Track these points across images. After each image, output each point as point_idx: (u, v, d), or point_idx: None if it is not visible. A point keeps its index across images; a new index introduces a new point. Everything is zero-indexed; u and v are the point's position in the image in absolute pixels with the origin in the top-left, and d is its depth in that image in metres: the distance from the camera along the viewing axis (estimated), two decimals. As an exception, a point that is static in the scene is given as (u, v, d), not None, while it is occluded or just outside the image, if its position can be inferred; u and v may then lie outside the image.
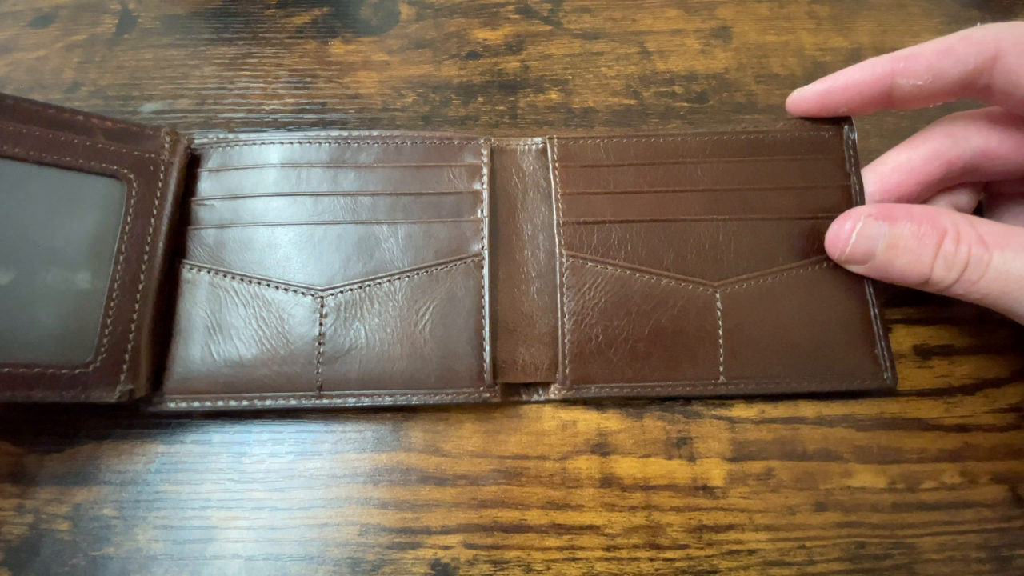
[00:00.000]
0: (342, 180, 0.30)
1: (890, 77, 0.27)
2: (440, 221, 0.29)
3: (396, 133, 0.31)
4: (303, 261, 0.29)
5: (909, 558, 0.26)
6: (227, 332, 0.28)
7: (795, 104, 0.30)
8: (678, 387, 0.28)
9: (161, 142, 0.29)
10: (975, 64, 0.25)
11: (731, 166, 0.30)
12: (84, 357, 0.25)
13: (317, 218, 0.29)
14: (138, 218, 0.27)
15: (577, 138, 0.30)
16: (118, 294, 0.26)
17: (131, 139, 0.28)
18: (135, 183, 0.27)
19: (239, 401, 0.27)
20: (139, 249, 0.27)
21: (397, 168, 0.30)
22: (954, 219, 0.25)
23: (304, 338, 0.28)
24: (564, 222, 0.29)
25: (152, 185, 0.28)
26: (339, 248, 0.29)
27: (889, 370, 0.28)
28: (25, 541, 0.27)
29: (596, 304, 0.28)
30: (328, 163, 0.30)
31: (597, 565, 0.26)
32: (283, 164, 0.30)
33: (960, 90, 0.26)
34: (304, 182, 0.30)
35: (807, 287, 0.29)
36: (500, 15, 0.39)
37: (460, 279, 0.28)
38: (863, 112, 0.29)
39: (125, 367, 0.26)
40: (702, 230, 0.29)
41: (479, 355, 0.28)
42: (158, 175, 0.28)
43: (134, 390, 0.26)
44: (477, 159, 0.30)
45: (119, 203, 0.27)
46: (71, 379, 0.25)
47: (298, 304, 0.28)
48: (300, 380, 0.27)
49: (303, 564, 0.26)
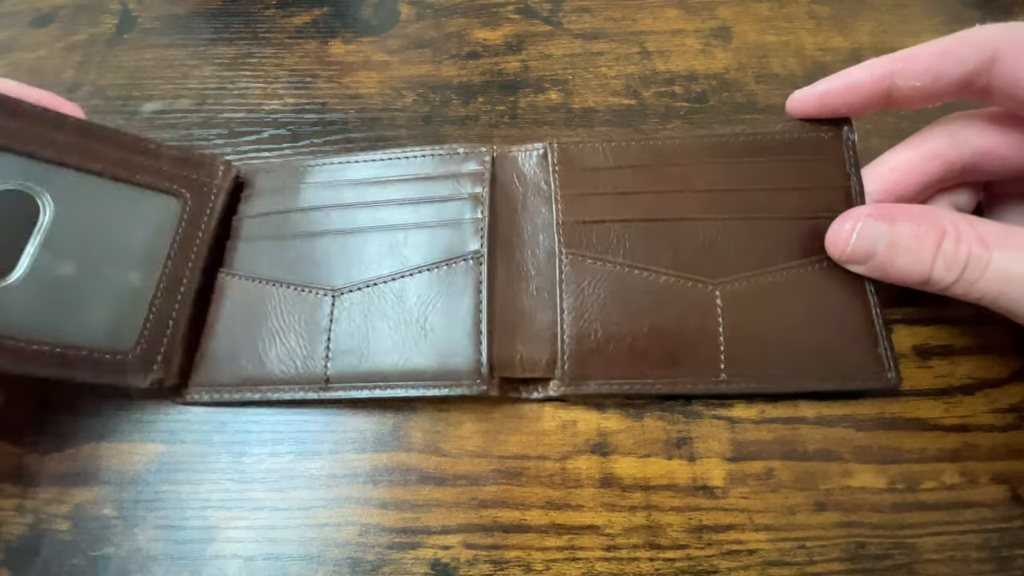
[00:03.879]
0: (365, 195, 0.32)
1: (889, 78, 0.26)
2: (443, 225, 0.31)
3: (415, 151, 0.33)
4: (327, 267, 0.31)
5: (909, 558, 0.26)
6: (249, 328, 0.30)
7: (795, 105, 0.30)
8: (678, 384, 0.28)
9: (216, 169, 0.33)
10: (974, 65, 0.25)
11: (730, 167, 0.30)
12: (126, 345, 0.28)
13: (341, 230, 0.31)
14: (188, 229, 0.31)
15: (577, 142, 0.31)
16: (163, 293, 0.29)
17: (191, 165, 0.32)
18: (190, 201, 0.31)
19: (254, 393, 0.29)
20: (185, 256, 0.30)
21: (411, 181, 0.32)
22: (953, 219, 0.25)
23: (316, 333, 0.29)
24: (563, 221, 0.30)
25: (204, 204, 0.32)
26: (361, 254, 0.31)
27: (893, 370, 0.28)
28: (25, 541, 0.27)
29: (595, 301, 0.28)
30: (357, 182, 0.33)
31: (597, 565, 0.26)
32: (316, 184, 0.33)
33: (959, 91, 0.26)
34: (335, 199, 0.32)
35: (808, 286, 0.29)
36: (500, 15, 0.39)
37: (460, 277, 0.29)
38: (863, 113, 0.29)
39: (159, 358, 0.28)
40: (701, 229, 0.29)
41: (477, 349, 0.28)
42: (210, 196, 0.32)
43: (164, 379, 0.28)
44: (480, 165, 0.32)
45: (175, 217, 0.31)
46: (112, 364, 0.27)
47: (317, 304, 0.30)
48: (311, 374, 0.29)
49: (303, 564, 0.26)
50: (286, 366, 0.29)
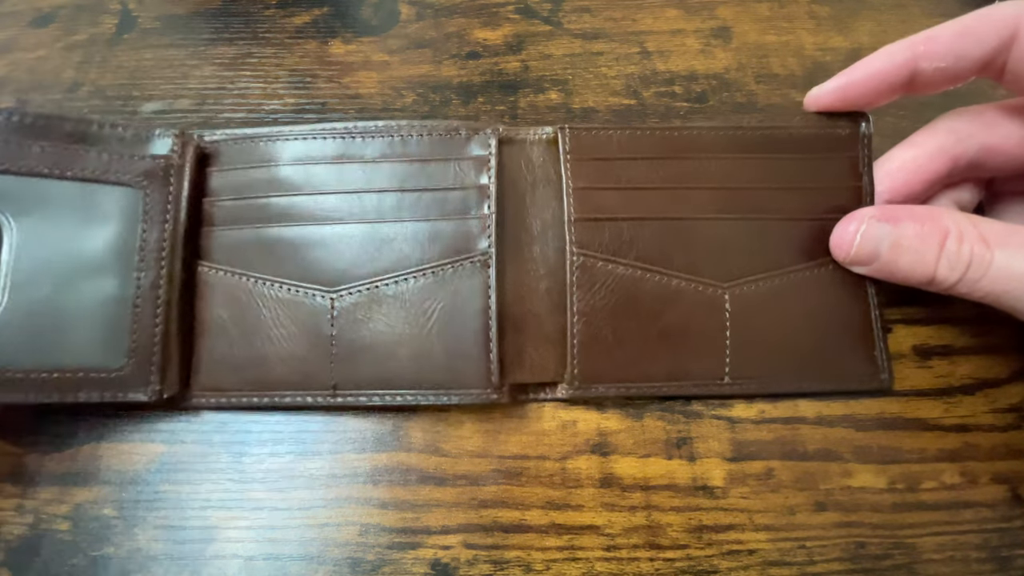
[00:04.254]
0: (348, 176, 0.29)
1: (912, 62, 0.26)
2: (446, 218, 0.29)
3: (402, 123, 0.30)
4: (313, 261, 0.29)
5: (909, 558, 0.26)
6: (245, 331, 0.28)
7: (814, 102, 0.29)
8: (684, 387, 0.28)
9: (170, 145, 0.29)
10: (995, 44, 0.25)
11: (745, 163, 0.29)
12: (119, 361, 0.27)
13: (325, 217, 0.29)
14: (153, 225, 0.28)
15: (589, 129, 0.30)
16: (141, 300, 0.27)
17: (142, 144, 0.29)
18: (147, 190, 0.28)
19: (260, 398, 0.28)
20: (157, 255, 0.27)
21: (403, 162, 0.29)
22: (956, 218, 0.25)
23: (318, 338, 0.28)
24: (576, 218, 0.28)
25: (164, 191, 0.28)
26: (347, 248, 0.29)
27: (886, 371, 0.28)
28: (25, 541, 0.27)
29: (606, 304, 0.28)
30: (334, 158, 0.30)
31: (597, 565, 0.26)
32: (291, 161, 0.30)
33: (980, 70, 0.26)
34: (312, 179, 0.29)
35: (813, 289, 0.29)
36: (500, 15, 0.39)
37: (467, 279, 0.28)
38: (883, 101, 0.28)
39: (154, 368, 0.27)
40: (712, 229, 0.29)
41: (486, 356, 0.27)
42: (168, 180, 0.28)
43: (163, 390, 0.27)
44: (484, 151, 0.29)
45: (135, 211, 0.27)
46: (110, 381, 0.26)
47: (311, 305, 0.28)
48: (316, 379, 0.28)
49: (303, 564, 0.26)
50: (291, 371, 0.28)
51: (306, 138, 0.30)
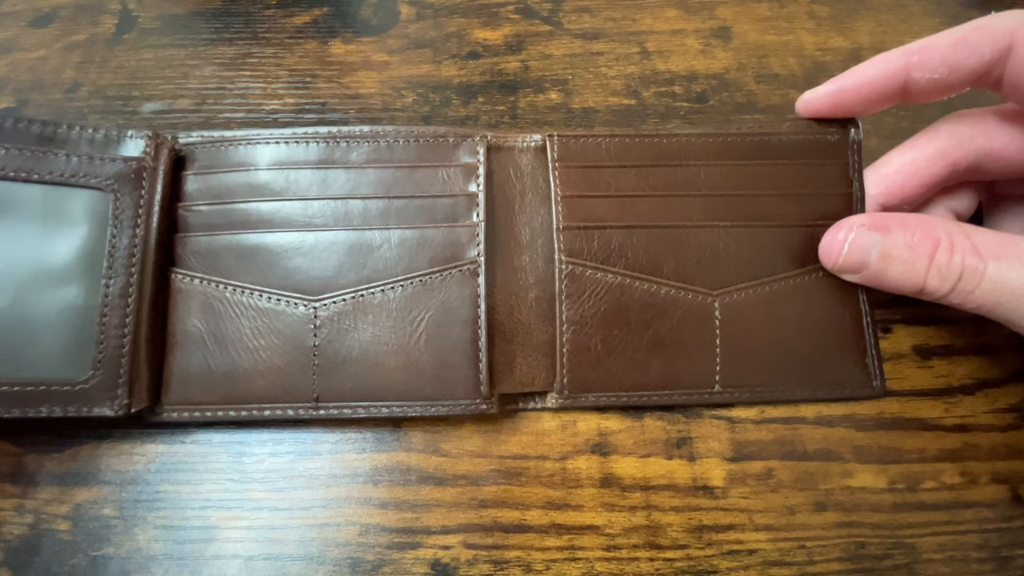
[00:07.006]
0: (332, 182, 0.29)
1: (905, 72, 0.26)
2: (434, 226, 0.28)
3: (389, 129, 0.29)
4: (295, 269, 0.28)
5: (909, 558, 0.26)
6: (222, 343, 0.27)
7: (806, 106, 0.29)
8: (674, 396, 0.28)
9: (143, 147, 0.28)
10: (991, 55, 0.24)
11: (734, 169, 0.29)
12: (83, 373, 0.25)
13: (307, 224, 0.28)
14: (123, 230, 0.26)
15: (577, 136, 0.29)
16: (109, 309, 0.26)
17: (113, 146, 0.28)
18: (118, 193, 0.27)
19: (238, 411, 0.27)
20: (127, 262, 0.26)
21: (389, 168, 0.29)
22: (948, 228, 0.24)
23: (299, 349, 0.27)
24: (564, 226, 0.28)
25: (135, 194, 0.27)
26: (331, 256, 0.28)
27: (878, 378, 0.28)
28: (25, 541, 0.27)
29: (595, 313, 0.28)
30: (317, 163, 0.29)
31: (597, 565, 0.26)
32: (271, 165, 0.29)
33: (975, 81, 0.26)
34: (293, 184, 0.29)
35: (804, 296, 0.29)
36: (500, 15, 0.39)
37: (455, 288, 0.28)
38: (875, 110, 0.28)
39: (121, 381, 0.26)
40: (703, 236, 0.29)
41: (475, 367, 0.27)
42: (140, 183, 0.27)
43: (131, 404, 0.26)
44: (473, 158, 0.29)
45: (104, 215, 0.26)
46: (73, 395, 0.25)
47: (292, 314, 0.27)
48: (297, 391, 0.27)
49: (303, 564, 0.26)
50: (270, 383, 0.27)
51: (288, 142, 0.29)
